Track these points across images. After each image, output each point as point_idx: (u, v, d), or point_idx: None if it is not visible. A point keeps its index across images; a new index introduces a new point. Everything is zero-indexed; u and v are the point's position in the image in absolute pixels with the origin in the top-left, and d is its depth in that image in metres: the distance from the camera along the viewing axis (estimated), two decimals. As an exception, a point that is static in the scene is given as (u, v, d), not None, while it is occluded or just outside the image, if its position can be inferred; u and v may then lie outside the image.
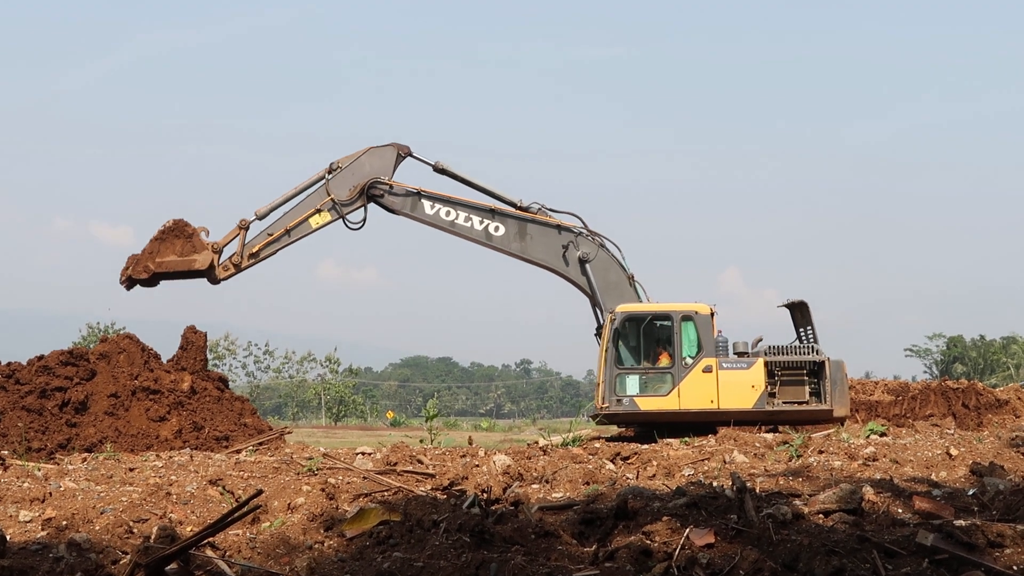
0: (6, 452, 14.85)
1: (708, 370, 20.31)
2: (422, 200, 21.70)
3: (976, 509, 8.57)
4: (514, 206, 21.78)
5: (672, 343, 20.56)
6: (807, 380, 20.49)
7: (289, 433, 20.96)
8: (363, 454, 14.75)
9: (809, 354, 20.65)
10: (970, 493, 9.26)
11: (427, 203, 21.72)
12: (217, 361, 70.65)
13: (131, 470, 12.64)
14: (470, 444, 18.29)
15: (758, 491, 9.47)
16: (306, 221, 21.38)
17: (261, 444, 17.79)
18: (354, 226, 21.61)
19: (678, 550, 6.90)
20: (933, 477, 11.42)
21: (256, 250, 21.17)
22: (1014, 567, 6.53)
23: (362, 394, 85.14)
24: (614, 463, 13.55)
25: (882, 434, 16.45)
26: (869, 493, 8.81)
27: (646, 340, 21.06)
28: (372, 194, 21.57)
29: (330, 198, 21.34)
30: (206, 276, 21.16)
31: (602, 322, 21.29)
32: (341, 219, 21.51)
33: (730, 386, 20.28)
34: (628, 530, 7.77)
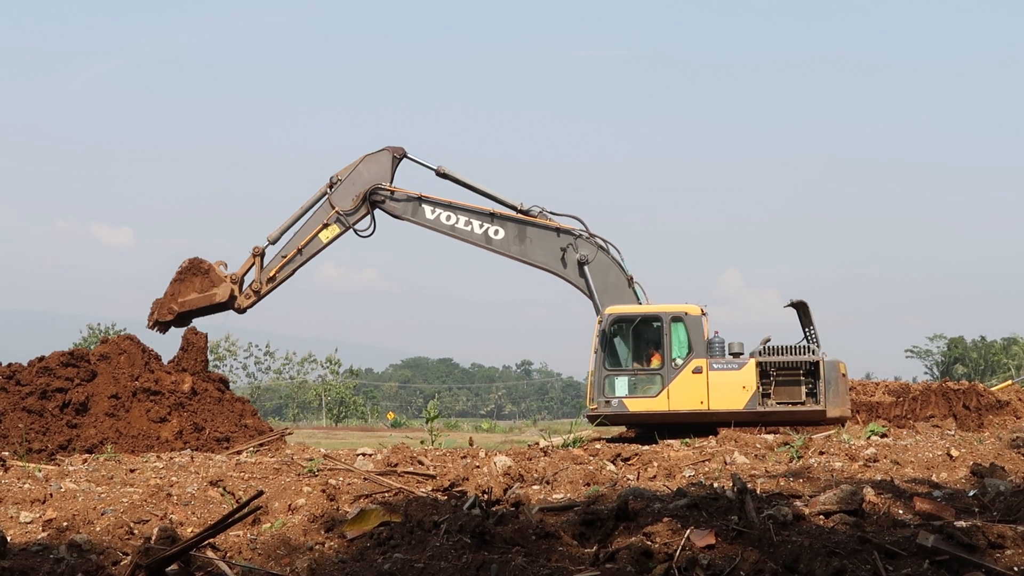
0: (7, 453, 14.84)
1: (698, 371, 20.20)
2: (423, 205, 21.96)
3: (977, 510, 8.57)
4: (515, 209, 21.90)
5: (662, 344, 20.51)
6: (803, 381, 20.25)
7: (290, 434, 20.97)
8: (364, 455, 14.76)
9: (804, 354, 20.40)
10: (971, 494, 9.26)
11: (428, 208, 21.97)
12: (218, 362, 70.67)
13: (132, 471, 12.65)
14: (471, 445, 18.29)
15: (759, 492, 9.46)
16: (316, 237, 21.81)
17: (262, 445, 17.80)
18: (364, 234, 22.02)
19: (679, 551, 6.90)
20: (934, 478, 11.42)
21: (273, 274, 21.69)
22: (1015, 568, 6.53)
23: (363, 395, 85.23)
24: (615, 464, 13.54)
25: (883, 435, 16.44)
26: (870, 494, 8.81)
27: (636, 341, 21.04)
28: (374, 200, 21.88)
29: (335, 211, 21.71)
30: (229, 307, 21.84)
31: None
32: (350, 229, 21.92)
33: (720, 387, 20.11)
34: (629, 531, 7.77)
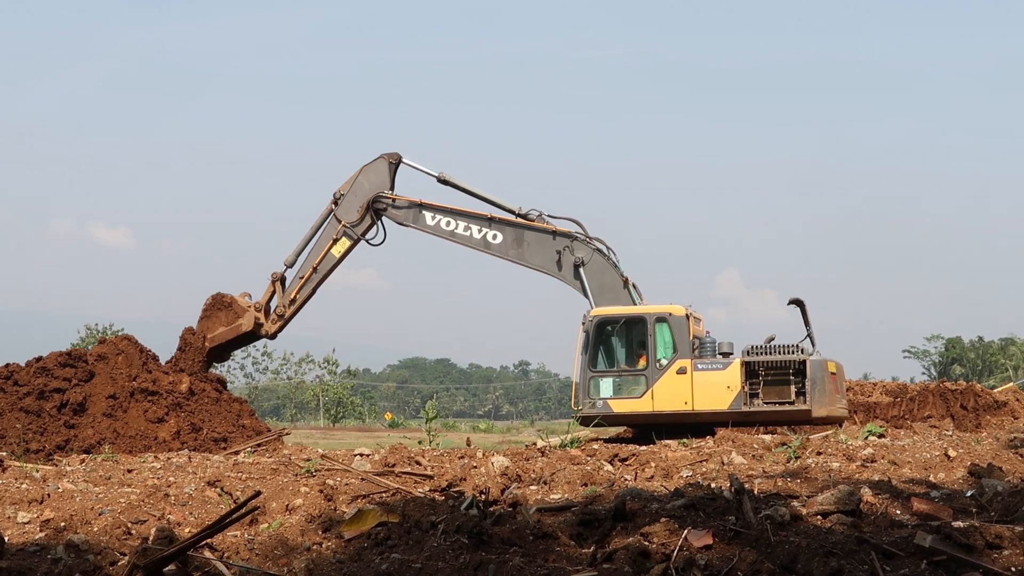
0: (4, 453, 14.83)
1: (682, 372, 20.13)
2: (423, 212, 22.26)
3: (974, 510, 8.57)
4: (513, 213, 22.14)
5: (647, 345, 20.51)
6: (793, 380, 19.93)
7: (287, 434, 20.98)
8: (361, 455, 14.74)
9: (792, 353, 20.14)
10: (968, 494, 9.26)
11: (428, 214, 22.27)
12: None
13: (129, 471, 12.64)
14: (468, 445, 18.27)
15: (756, 492, 9.46)
16: (329, 253, 22.08)
17: (259, 445, 17.80)
18: (374, 243, 22.37)
19: (676, 551, 6.90)
20: (931, 478, 11.43)
21: (293, 296, 21.99)
22: (1012, 568, 6.54)
23: (360, 395, 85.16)
24: (612, 464, 13.53)
25: (880, 435, 16.42)
26: (867, 494, 8.82)
27: (620, 343, 21.06)
28: (377, 208, 22.21)
29: (342, 225, 21.98)
30: (258, 335, 22.18)
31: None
32: (361, 240, 22.21)
33: (705, 387, 19.96)
34: (626, 531, 7.77)
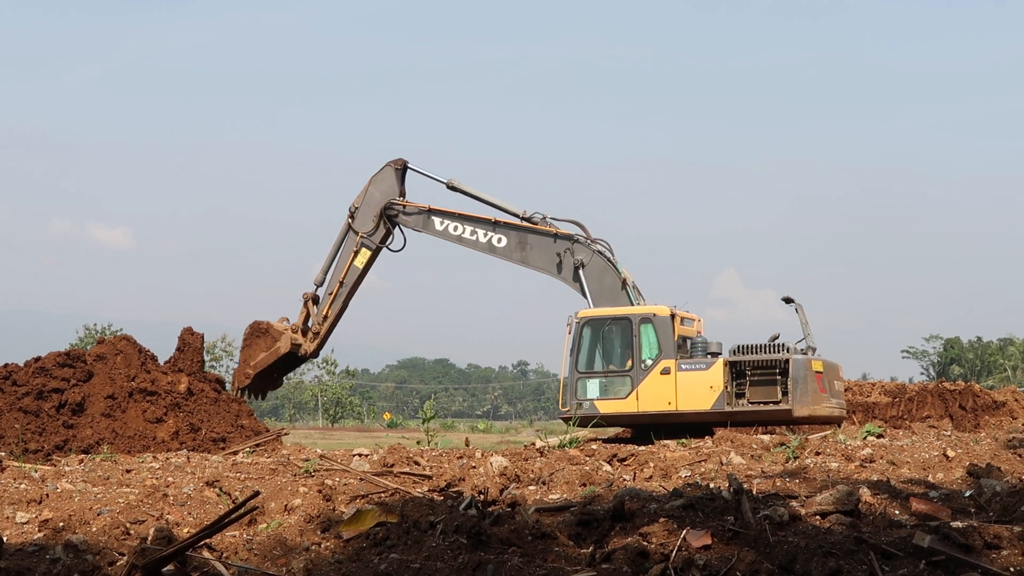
0: (3, 453, 14.84)
1: (666, 372, 20.19)
2: (432, 217, 22.77)
3: (973, 511, 8.57)
4: (517, 217, 22.51)
5: (632, 346, 20.55)
6: (779, 380, 19.89)
7: (286, 435, 20.97)
8: (360, 455, 14.74)
9: (776, 352, 20.11)
10: (967, 495, 9.26)
11: (437, 220, 22.79)
12: (214, 362, 70.55)
13: (128, 471, 12.64)
14: (467, 445, 18.29)
15: (755, 493, 9.46)
16: (352, 266, 22.69)
17: (258, 445, 17.80)
18: (395, 250, 23.03)
19: (675, 551, 6.90)
20: (930, 479, 11.43)
21: (325, 312, 22.63)
22: (1011, 568, 6.53)
23: (359, 396, 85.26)
24: (611, 465, 13.53)
25: (879, 436, 16.43)
26: (866, 495, 8.82)
27: (606, 344, 21.16)
28: (389, 215, 22.74)
29: (360, 236, 22.54)
30: (298, 356, 22.85)
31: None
32: (381, 248, 22.79)
33: (688, 387, 19.99)
34: (625, 532, 7.77)
